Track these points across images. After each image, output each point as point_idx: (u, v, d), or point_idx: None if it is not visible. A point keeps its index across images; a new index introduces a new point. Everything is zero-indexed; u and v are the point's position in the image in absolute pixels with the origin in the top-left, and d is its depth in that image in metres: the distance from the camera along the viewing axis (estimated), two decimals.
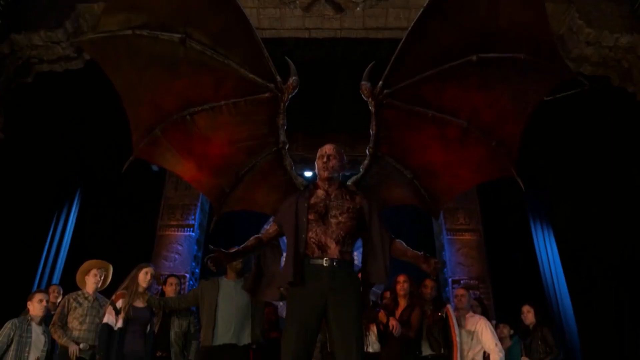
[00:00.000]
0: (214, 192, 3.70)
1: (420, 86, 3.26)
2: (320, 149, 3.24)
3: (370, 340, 4.80)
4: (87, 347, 4.42)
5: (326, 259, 2.87)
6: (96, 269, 4.71)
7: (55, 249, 8.17)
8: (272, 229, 3.16)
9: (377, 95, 3.23)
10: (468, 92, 3.32)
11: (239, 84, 3.21)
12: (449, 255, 8.39)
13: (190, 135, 3.42)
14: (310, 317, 2.77)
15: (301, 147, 8.63)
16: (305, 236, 2.92)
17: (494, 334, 4.80)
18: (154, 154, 3.55)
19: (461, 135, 3.43)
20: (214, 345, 4.06)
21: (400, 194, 3.77)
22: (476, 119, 3.38)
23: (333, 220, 2.96)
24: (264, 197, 3.68)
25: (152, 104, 3.33)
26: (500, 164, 3.51)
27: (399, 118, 3.38)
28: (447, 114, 3.38)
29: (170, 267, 7.84)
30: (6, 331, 4.02)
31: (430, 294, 4.89)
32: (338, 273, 2.86)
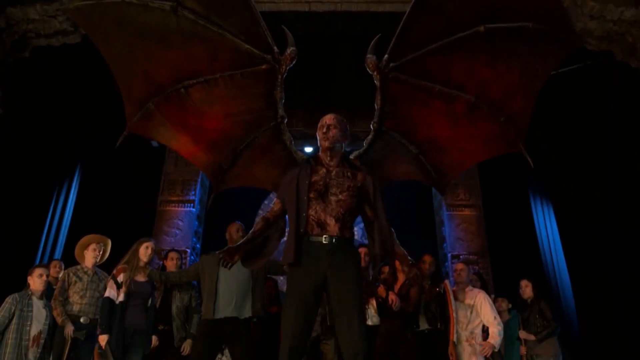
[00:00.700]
0: (211, 168, 3.65)
1: (427, 59, 3.19)
2: (321, 119, 3.16)
3: (369, 314, 4.85)
4: (87, 321, 4.46)
5: (325, 236, 2.85)
6: (95, 244, 4.73)
7: (56, 224, 8.21)
8: (276, 206, 3.10)
9: (383, 68, 3.16)
10: (476, 66, 3.24)
11: (235, 56, 3.12)
12: (448, 231, 8.42)
13: (185, 109, 3.35)
14: (310, 293, 2.78)
15: (301, 123, 8.60)
16: (305, 214, 2.89)
17: (493, 308, 4.85)
18: (148, 128, 3.48)
19: (469, 111, 3.36)
20: (215, 318, 4.10)
21: (405, 169, 3.73)
22: (484, 94, 3.31)
23: (333, 198, 2.93)
24: (263, 173, 3.63)
25: (145, 76, 3.25)
26: (508, 139, 3.45)
27: (405, 92, 3.31)
28: (454, 89, 3.30)
29: (171, 242, 7.88)
30: (7, 306, 4.06)
31: (429, 270, 4.92)
32: (337, 250, 2.85)
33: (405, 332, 4.56)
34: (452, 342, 4.57)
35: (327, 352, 4.57)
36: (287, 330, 2.71)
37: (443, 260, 8.36)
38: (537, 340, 5.00)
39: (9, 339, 3.95)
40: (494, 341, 4.64)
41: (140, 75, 3.25)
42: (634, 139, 7.17)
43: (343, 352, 2.73)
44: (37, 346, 4.05)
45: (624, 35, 6.66)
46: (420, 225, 9.25)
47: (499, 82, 3.28)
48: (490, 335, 4.68)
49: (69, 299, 4.47)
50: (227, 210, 8.52)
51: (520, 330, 5.11)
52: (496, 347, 4.69)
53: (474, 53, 3.18)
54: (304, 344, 2.76)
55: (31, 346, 4.01)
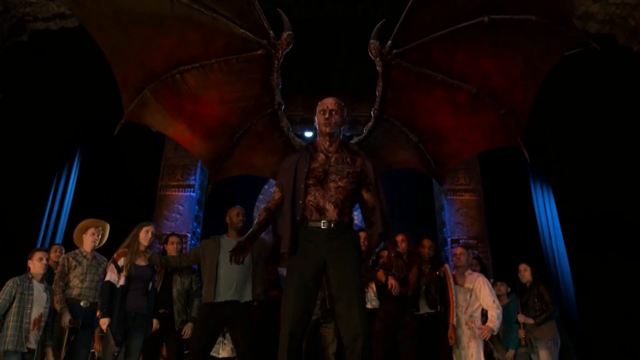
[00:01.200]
0: (209, 156, 3.63)
1: (430, 48, 3.17)
2: (321, 103, 3.11)
3: (369, 297, 4.88)
4: (87, 304, 4.49)
5: (324, 221, 2.86)
6: (93, 228, 4.74)
7: (57, 209, 8.22)
8: (277, 194, 3.07)
9: (386, 55, 3.14)
10: (479, 57, 3.23)
11: (230, 41, 3.09)
12: (448, 216, 8.44)
13: (182, 96, 3.33)
14: (309, 277, 2.79)
15: (301, 108, 8.59)
16: (302, 202, 2.89)
17: (492, 291, 4.88)
18: (145, 115, 3.46)
19: (470, 101, 3.36)
20: (216, 302, 4.13)
21: (404, 157, 3.72)
22: (486, 86, 3.30)
23: (332, 185, 2.93)
24: (261, 161, 3.61)
25: (140, 64, 3.22)
26: (508, 132, 3.45)
27: (407, 80, 3.29)
28: (456, 79, 3.29)
29: (172, 227, 7.90)
30: (8, 289, 4.07)
31: (428, 254, 4.94)
32: (336, 235, 2.86)
33: (404, 315, 4.59)
34: (451, 325, 4.61)
35: (327, 335, 4.60)
36: (287, 315, 2.72)
37: (443, 245, 8.40)
38: (535, 323, 5.03)
39: (10, 322, 3.97)
40: (492, 325, 4.68)
41: (135, 63, 3.22)
42: (636, 124, 7.15)
43: (343, 336, 2.74)
44: (38, 329, 4.08)
45: (626, 19, 6.62)
46: (420, 209, 9.27)
47: (500, 74, 3.27)
48: (489, 318, 4.72)
49: (69, 283, 4.49)
50: (228, 195, 8.54)
51: (519, 314, 5.14)
52: (495, 331, 4.74)
53: (477, 43, 3.16)
54: (304, 328, 2.78)
55: (32, 329, 4.04)
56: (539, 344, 5.01)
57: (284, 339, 2.69)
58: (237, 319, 4.13)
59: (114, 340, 4.03)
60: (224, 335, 4.61)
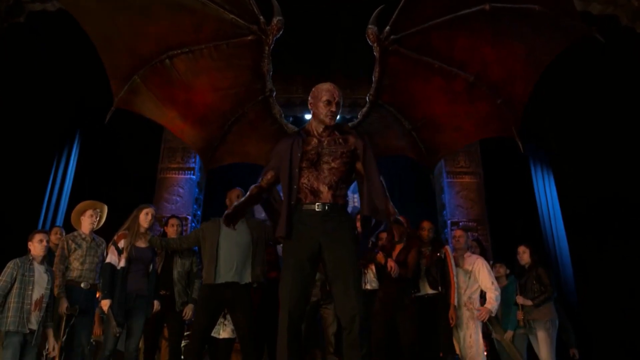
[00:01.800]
0: (201, 144, 3.61)
1: (430, 34, 3.13)
2: (327, 91, 3.02)
3: (368, 278, 4.91)
4: (88, 286, 4.52)
5: (318, 203, 2.86)
6: (91, 210, 4.74)
7: (57, 191, 8.23)
8: (269, 175, 3.09)
9: (384, 40, 3.10)
10: (479, 45, 3.18)
11: (220, 26, 3.05)
12: (448, 198, 8.45)
13: (172, 83, 3.30)
14: (306, 260, 2.80)
15: (301, 90, 8.54)
16: (297, 186, 2.90)
17: (491, 273, 4.91)
18: (135, 103, 3.43)
19: (467, 90, 3.33)
20: (216, 283, 4.15)
21: (397, 145, 3.71)
22: (484, 75, 3.27)
23: (325, 167, 2.93)
24: (255, 148, 3.59)
25: (129, 50, 3.19)
26: (502, 122, 3.42)
27: (404, 66, 3.26)
28: (455, 67, 3.26)
29: (172, 209, 7.92)
30: (9, 271, 4.09)
31: (428, 236, 4.96)
32: (331, 217, 2.86)
33: (403, 297, 4.62)
34: (453, 305, 4.64)
35: (328, 317, 4.65)
36: (285, 297, 2.73)
37: (442, 227, 8.42)
38: (533, 305, 5.06)
39: (11, 303, 3.99)
40: (491, 306, 4.72)
41: (124, 50, 3.19)
42: (638, 107, 7.11)
43: (340, 317, 2.76)
44: (39, 310, 4.10)
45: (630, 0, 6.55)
46: (420, 192, 9.27)
47: (500, 64, 3.24)
48: (488, 300, 4.76)
49: (69, 266, 4.52)
50: (228, 177, 8.53)
51: (518, 296, 5.17)
52: (493, 312, 4.78)
53: (478, 31, 3.12)
54: (302, 310, 2.80)
55: (33, 310, 4.06)
56: (537, 326, 5.05)
57: (283, 322, 2.70)
58: (237, 301, 4.16)
59: (115, 322, 4.06)
60: (225, 316, 4.64)
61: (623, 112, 7.41)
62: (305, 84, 8.34)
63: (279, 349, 2.70)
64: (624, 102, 7.37)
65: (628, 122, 7.34)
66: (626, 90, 7.27)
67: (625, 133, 7.41)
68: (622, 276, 7.21)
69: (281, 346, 2.68)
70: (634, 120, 7.23)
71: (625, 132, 7.41)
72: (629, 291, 7.10)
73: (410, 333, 4.50)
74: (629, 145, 7.34)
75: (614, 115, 7.55)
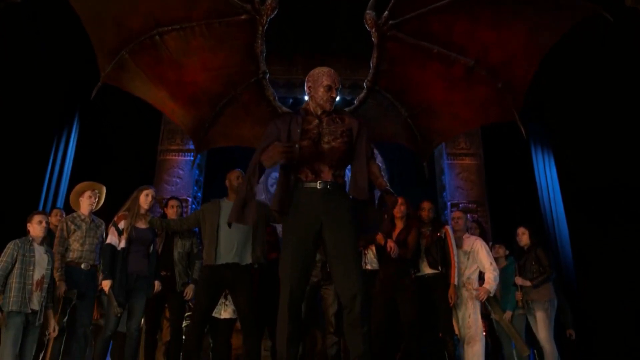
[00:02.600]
0: (191, 126, 3.55)
1: (428, 19, 3.07)
2: (328, 76, 2.97)
3: (369, 259, 4.92)
4: (88, 267, 4.54)
5: (320, 182, 2.85)
6: (90, 191, 4.74)
7: (57, 173, 8.23)
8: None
9: (382, 26, 3.07)
10: (479, 29, 3.12)
11: (213, 4, 2.98)
12: (448, 180, 8.45)
13: (162, 60, 3.23)
14: (307, 238, 2.80)
15: (301, 71, 8.49)
16: (297, 162, 2.87)
17: (489, 254, 4.93)
18: (123, 79, 3.35)
19: (466, 75, 3.29)
20: (217, 264, 4.17)
21: (392, 132, 3.68)
22: (484, 59, 3.21)
23: (326, 146, 2.91)
24: (250, 131, 3.55)
25: (117, 24, 3.11)
26: (502, 107, 3.37)
27: (403, 52, 3.22)
28: (454, 52, 3.20)
29: (172, 191, 7.93)
30: (9, 251, 4.10)
31: (428, 216, 4.96)
32: (331, 195, 2.85)
33: (403, 278, 4.64)
34: (453, 285, 4.66)
35: (328, 297, 4.67)
36: (286, 275, 2.74)
37: (442, 209, 8.44)
38: (532, 286, 5.08)
39: (12, 284, 4.01)
40: (489, 286, 4.74)
41: (111, 23, 3.12)
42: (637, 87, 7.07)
43: (340, 296, 2.77)
44: (40, 290, 4.12)
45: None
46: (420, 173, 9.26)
47: (501, 47, 3.17)
48: (486, 280, 4.78)
49: (69, 247, 4.53)
50: (228, 159, 8.52)
51: (517, 277, 5.19)
52: (492, 292, 4.80)
53: (478, 14, 3.06)
54: (303, 288, 2.81)
55: (35, 290, 4.08)
56: (536, 306, 5.07)
57: (284, 300, 2.71)
58: (238, 281, 4.18)
59: (116, 302, 4.08)
60: (226, 297, 4.67)
61: (626, 94, 7.36)
62: (305, 65, 8.27)
63: (279, 328, 2.71)
64: (626, 84, 7.32)
65: (630, 104, 7.30)
66: (629, 72, 7.22)
67: (627, 116, 7.38)
68: (620, 258, 7.25)
69: (282, 325, 2.70)
70: (636, 102, 7.20)
71: (627, 114, 7.38)
72: (626, 273, 7.15)
73: (410, 313, 4.53)
74: (631, 128, 7.31)
75: (616, 96, 7.51)
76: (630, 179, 7.31)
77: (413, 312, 4.54)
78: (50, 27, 7.35)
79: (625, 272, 7.17)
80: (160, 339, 5.16)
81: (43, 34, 7.37)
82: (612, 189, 7.57)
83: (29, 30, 7.19)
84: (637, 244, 7.00)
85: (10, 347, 3.88)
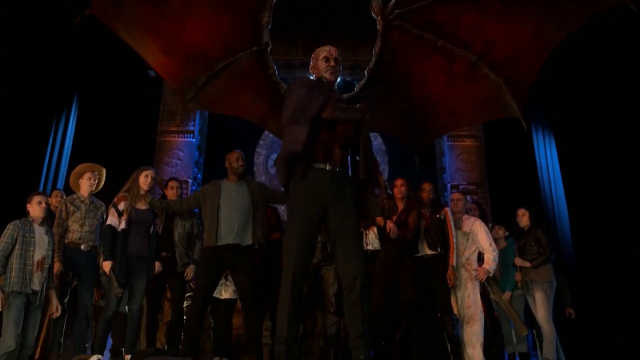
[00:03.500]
0: (182, 83, 3.44)
1: (435, 10, 3.03)
2: (323, 50, 2.99)
3: (370, 239, 4.94)
4: (88, 248, 4.55)
5: (329, 164, 2.83)
6: (89, 172, 4.73)
7: (57, 154, 8.22)
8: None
9: (388, 14, 3.03)
10: (487, 22, 3.05)
11: None
12: (448, 162, 8.44)
13: (162, 13, 3.09)
14: (311, 220, 2.79)
15: (301, 52, 8.43)
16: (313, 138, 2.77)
17: (489, 235, 4.94)
18: (115, 19, 3.16)
19: (467, 71, 3.24)
20: (217, 245, 4.18)
21: (388, 124, 3.66)
22: (489, 53, 3.15)
23: (340, 128, 2.87)
24: (248, 102, 3.49)
25: None
26: (503, 103, 3.31)
27: (406, 42, 3.18)
28: (458, 46, 3.15)
29: (172, 172, 7.91)
30: (9, 232, 4.10)
31: (428, 197, 4.96)
32: (339, 178, 2.84)
33: (404, 258, 4.66)
34: (451, 266, 4.68)
35: (328, 278, 4.70)
36: (291, 251, 2.72)
37: (442, 190, 8.43)
38: (532, 266, 5.11)
39: (13, 264, 4.02)
40: (488, 266, 4.76)
41: None
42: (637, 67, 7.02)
43: (341, 276, 2.77)
44: (41, 271, 4.13)
45: None
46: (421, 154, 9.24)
47: (507, 41, 3.10)
48: (485, 261, 4.80)
49: (68, 228, 4.54)
50: (228, 140, 8.52)
51: (516, 257, 5.21)
52: (491, 272, 4.82)
53: (486, 7, 2.99)
54: (306, 268, 2.81)
55: (35, 271, 4.09)
56: (535, 287, 5.10)
57: (287, 280, 2.70)
58: (238, 262, 4.19)
59: (117, 283, 4.10)
60: (226, 277, 4.70)
61: (628, 76, 7.31)
62: (306, 46, 8.22)
63: (280, 307, 2.70)
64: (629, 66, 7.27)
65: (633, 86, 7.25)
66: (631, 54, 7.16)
67: (627, 95, 7.34)
68: (618, 239, 7.27)
69: (283, 304, 2.69)
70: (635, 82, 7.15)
71: (627, 94, 7.34)
72: (625, 253, 7.18)
73: (411, 293, 4.56)
74: (632, 111, 7.27)
75: (618, 79, 7.46)
76: (630, 162, 7.30)
77: (413, 292, 4.57)
78: (51, 7, 7.27)
79: (623, 251, 7.20)
80: (161, 319, 5.19)
81: (42, 15, 7.29)
82: (612, 171, 7.57)
83: (29, 11, 7.12)
84: (636, 226, 7.02)
85: (12, 328, 3.91)
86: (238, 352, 4.97)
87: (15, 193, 6.42)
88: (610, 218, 7.40)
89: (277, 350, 2.66)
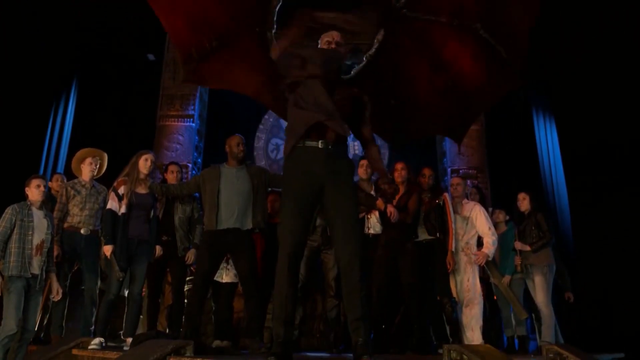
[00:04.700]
0: (185, 45, 3.40)
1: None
2: (325, 35, 3.02)
3: (371, 223, 4.94)
4: (88, 232, 4.56)
5: (322, 141, 2.75)
6: (91, 157, 4.74)
7: (56, 138, 8.21)
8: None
9: (395, 2, 3.03)
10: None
11: None
12: (449, 146, 8.42)
13: None
14: (307, 193, 2.73)
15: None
16: None
17: (488, 219, 4.94)
18: None
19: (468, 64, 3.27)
20: (218, 229, 4.19)
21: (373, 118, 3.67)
22: (489, 21, 3.18)
23: (337, 104, 2.82)
24: (245, 78, 3.46)
25: None
26: (505, 75, 3.36)
27: (409, 38, 3.20)
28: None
29: (172, 157, 7.90)
30: (8, 216, 4.09)
31: (428, 183, 4.96)
32: (334, 158, 2.77)
33: (405, 242, 4.67)
34: (450, 251, 4.70)
35: (328, 261, 4.71)
36: (285, 236, 2.68)
37: (443, 175, 8.42)
38: (532, 250, 5.12)
39: (12, 249, 4.02)
40: (488, 250, 4.77)
41: None
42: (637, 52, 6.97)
43: (339, 260, 2.73)
44: (40, 255, 4.14)
45: None
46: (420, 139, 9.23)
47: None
48: (485, 245, 4.81)
49: (69, 212, 4.55)
50: (228, 125, 8.49)
51: (516, 241, 5.23)
52: (490, 256, 4.83)
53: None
54: (301, 249, 2.78)
55: (35, 255, 4.10)
56: (535, 270, 5.12)
57: (282, 261, 2.66)
58: (239, 246, 4.20)
59: (118, 266, 4.12)
60: (227, 261, 4.71)
61: (628, 57, 7.26)
62: None
63: (277, 288, 2.65)
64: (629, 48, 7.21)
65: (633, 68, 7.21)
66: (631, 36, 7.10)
67: (628, 78, 7.29)
68: (618, 223, 7.28)
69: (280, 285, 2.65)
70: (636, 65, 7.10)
71: (628, 77, 7.29)
72: (624, 237, 7.19)
73: (411, 276, 4.57)
74: (632, 94, 7.24)
75: (618, 61, 7.41)
76: (631, 146, 7.28)
77: (413, 275, 4.59)
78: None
79: (622, 236, 7.22)
80: (162, 303, 5.22)
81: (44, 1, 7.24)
82: (612, 155, 7.55)
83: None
84: (635, 210, 7.03)
85: (13, 311, 3.93)
86: (239, 335, 5.01)
87: (15, 177, 6.43)
88: (610, 202, 7.42)
89: (274, 332, 2.66)
